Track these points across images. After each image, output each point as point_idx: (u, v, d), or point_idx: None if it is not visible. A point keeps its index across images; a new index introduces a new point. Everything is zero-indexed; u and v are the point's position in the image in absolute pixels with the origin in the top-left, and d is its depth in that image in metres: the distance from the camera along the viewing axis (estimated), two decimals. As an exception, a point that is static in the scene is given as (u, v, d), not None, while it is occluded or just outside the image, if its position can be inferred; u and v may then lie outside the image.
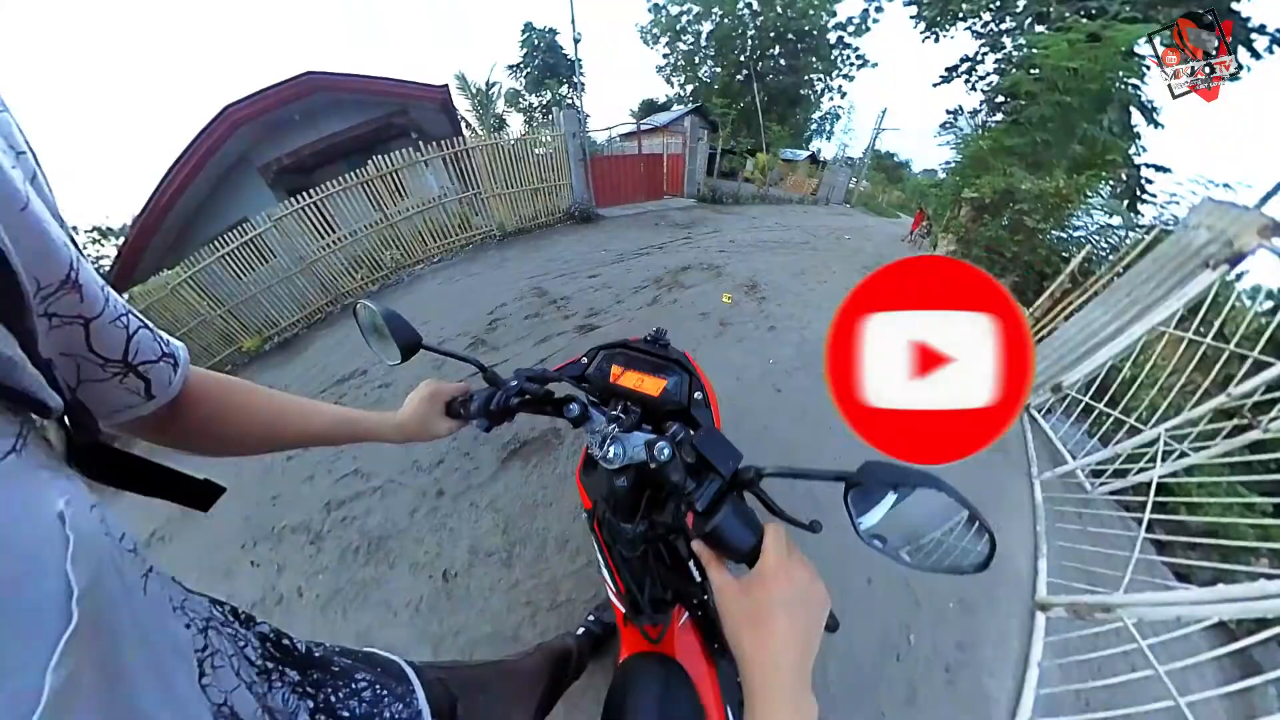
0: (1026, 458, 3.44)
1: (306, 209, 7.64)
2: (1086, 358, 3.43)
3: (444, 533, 2.55)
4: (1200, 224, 2.98)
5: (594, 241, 8.20)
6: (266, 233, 7.52)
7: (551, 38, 29.50)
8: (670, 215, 10.89)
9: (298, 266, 7.79)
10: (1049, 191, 4.53)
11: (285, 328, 7.84)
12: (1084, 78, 4.67)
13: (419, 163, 8.28)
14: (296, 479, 3.78)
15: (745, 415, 3.03)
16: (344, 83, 9.27)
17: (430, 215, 8.59)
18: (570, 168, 9.54)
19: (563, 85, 29.65)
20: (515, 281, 6.21)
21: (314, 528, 3.14)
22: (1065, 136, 5.02)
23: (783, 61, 26.75)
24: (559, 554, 2.27)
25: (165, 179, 8.73)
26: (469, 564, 2.34)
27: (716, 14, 25.81)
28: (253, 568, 3.12)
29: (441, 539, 2.51)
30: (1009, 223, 4.83)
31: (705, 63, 28.62)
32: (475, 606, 2.17)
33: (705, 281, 5.78)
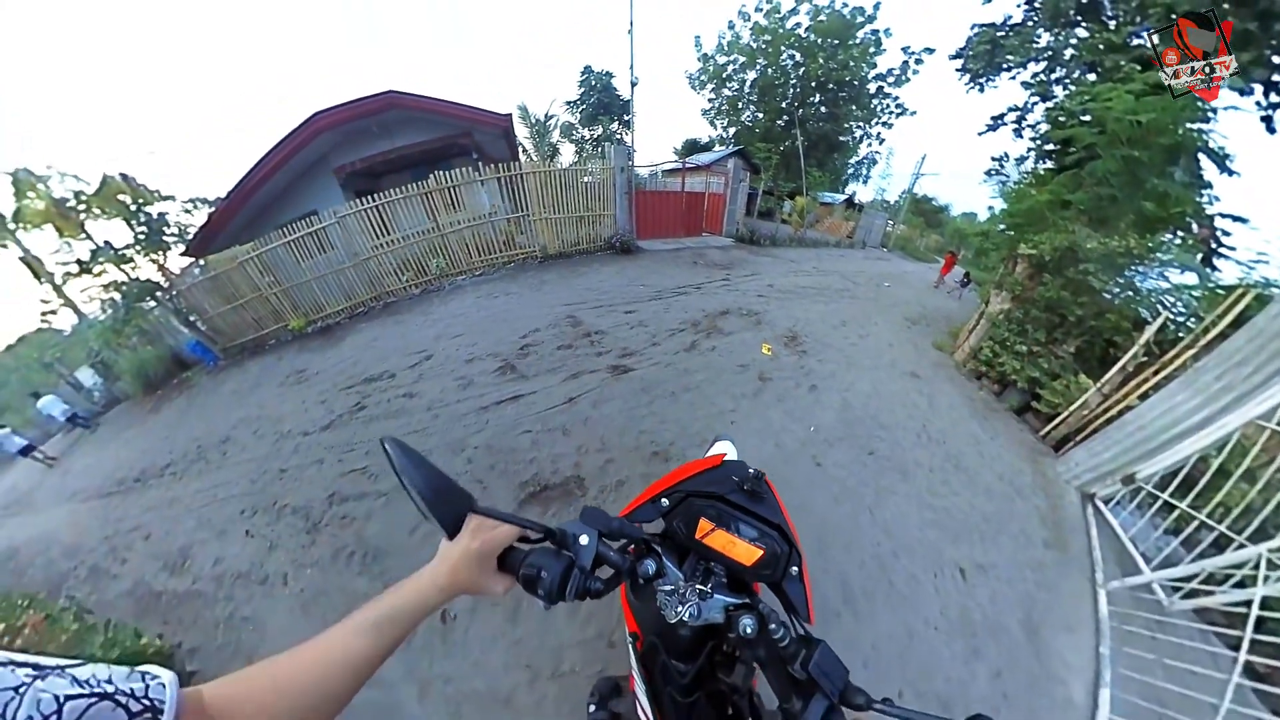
0: (1090, 560, 2.77)
1: (369, 210, 7.70)
2: (1167, 447, 2.85)
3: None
4: None
5: (632, 274, 7.92)
6: (330, 227, 7.58)
7: (607, 80, 30.09)
8: (708, 254, 10.51)
9: (351, 261, 7.81)
10: (1118, 251, 3.97)
11: (329, 314, 7.83)
12: (1151, 130, 4.08)
13: (476, 181, 8.29)
14: (308, 458, 3.65)
15: (782, 488, 2.70)
16: (420, 102, 9.39)
17: (479, 230, 8.56)
18: (615, 199, 9.47)
19: (614, 122, 30.17)
20: (551, 307, 6.02)
21: (313, 516, 2.97)
22: (1133, 192, 4.31)
23: (823, 109, 26.37)
24: (569, 619, 2.02)
25: (254, 168, 8.87)
26: (471, 608, 2.11)
27: (761, 64, 25.92)
28: (247, 536, 2.98)
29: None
30: (1071, 283, 4.29)
31: (748, 108, 28.44)
32: (471, 657, 1.94)
33: (744, 329, 5.35)
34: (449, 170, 7.98)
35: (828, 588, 2.20)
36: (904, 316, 7.33)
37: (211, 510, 3.37)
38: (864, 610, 2.15)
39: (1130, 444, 3.07)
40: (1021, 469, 3.56)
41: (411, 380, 4.48)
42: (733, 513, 0.67)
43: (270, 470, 3.62)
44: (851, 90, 25.60)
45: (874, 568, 2.36)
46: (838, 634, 1.99)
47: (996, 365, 4.74)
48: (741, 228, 13.88)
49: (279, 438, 4.09)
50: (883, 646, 1.99)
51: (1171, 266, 4.12)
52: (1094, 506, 3.19)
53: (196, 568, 2.84)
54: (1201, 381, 2.77)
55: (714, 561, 0.65)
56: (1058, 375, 4.23)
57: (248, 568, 2.70)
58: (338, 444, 3.69)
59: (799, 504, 2.66)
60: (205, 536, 3.10)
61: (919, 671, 1.92)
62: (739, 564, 0.65)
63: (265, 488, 3.41)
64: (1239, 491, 2.44)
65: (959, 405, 4.37)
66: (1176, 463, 2.78)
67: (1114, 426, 3.29)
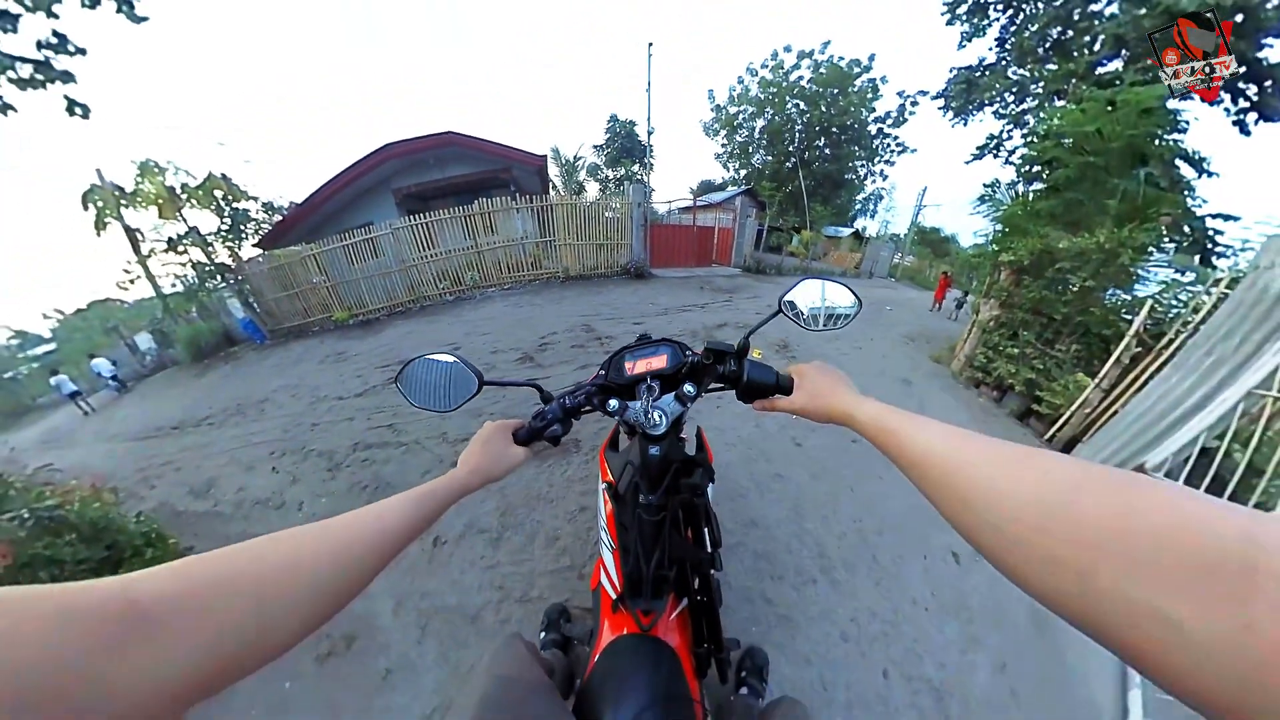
0: None
1: (418, 226, 8.18)
2: (1171, 432, 2.60)
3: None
4: (1275, 263, 2.38)
5: (643, 295, 8.14)
6: (383, 237, 8.07)
7: (630, 127, 32.11)
8: (715, 280, 10.68)
9: (397, 267, 8.22)
10: (1090, 247, 3.90)
11: (371, 310, 8.18)
12: (1107, 138, 4.29)
13: (512, 209, 8.80)
14: (339, 416, 3.75)
15: (759, 460, 2.67)
16: (472, 142, 10.15)
17: (510, 251, 8.98)
18: (632, 231, 9.89)
19: (635, 164, 31.71)
20: (569, 317, 6.24)
21: (337, 458, 3.04)
22: (1098, 194, 4.41)
23: (828, 151, 27.18)
24: (545, 549, 2.02)
25: (328, 182, 9.63)
26: (460, 535, 2.13)
27: (769, 113, 26.95)
28: (273, 473, 3.04)
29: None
30: (1052, 282, 4.22)
31: (758, 152, 29.32)
32: (450, 576, 1.94)
33: (739, 337, 5.45)
34: (489, 198, 8.51)
35: (803, 556, 2.03)
36: (902, 334, 7.18)
37: (243, 452, 3.47)
38: (843, 580, 1.92)
39: (1133, 434, 2.82)
40: None
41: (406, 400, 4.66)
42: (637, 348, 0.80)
43: (303, 424, 3.74)
44: (853, 133, 26.37)
45: (855, 540, 2.15)
46: (813, 602, 1.80)
47: (991, 370, 4.53)
48: (749, 259, 14.19)
49: (315, 401, 4.23)
50: (864, 621, 1.75)
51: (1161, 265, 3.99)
52: None
53: (219, 493, 2.91)
54: (1193, 360, 2.61)
55: (649, 379, 0.76)
56: (1054, 375, 4.00)
57: (268, 496, 2.77)
58: (368, 407, 3.81)
59: (774, 474, 2.57)
60: (233, 471, 3.18)
61: (906, 652, 1.65)
62: (661, 369, 0.76)
63: (296, 437, 3.52)
64: (1253, 467, 2.16)
65: (955, 411, 4.16)
66: (1184, 446, 2.53)
67: (1116, 418, 3.03)
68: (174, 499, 2.97)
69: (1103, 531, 0.23)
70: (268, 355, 6.84)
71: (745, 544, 2.04)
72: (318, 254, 7.84)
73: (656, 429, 0.70)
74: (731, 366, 0.71)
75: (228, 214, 8.43)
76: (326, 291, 8.02)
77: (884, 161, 28.66)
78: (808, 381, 0.63)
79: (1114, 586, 0.22)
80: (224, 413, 4.51)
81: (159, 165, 7.69)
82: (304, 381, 4.94)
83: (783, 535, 2.12)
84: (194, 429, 4.34)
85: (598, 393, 0.75)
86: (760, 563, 1.95)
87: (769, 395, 0.68)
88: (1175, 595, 0.20)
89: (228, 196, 8.33)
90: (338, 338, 6.97)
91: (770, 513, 2.26)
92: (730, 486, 2.42)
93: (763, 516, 2.22)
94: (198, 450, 3.74)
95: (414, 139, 9.70)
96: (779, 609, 1.76)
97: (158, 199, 7.73)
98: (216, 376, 6.46)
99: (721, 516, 2.33)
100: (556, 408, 0.72)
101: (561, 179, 28.65)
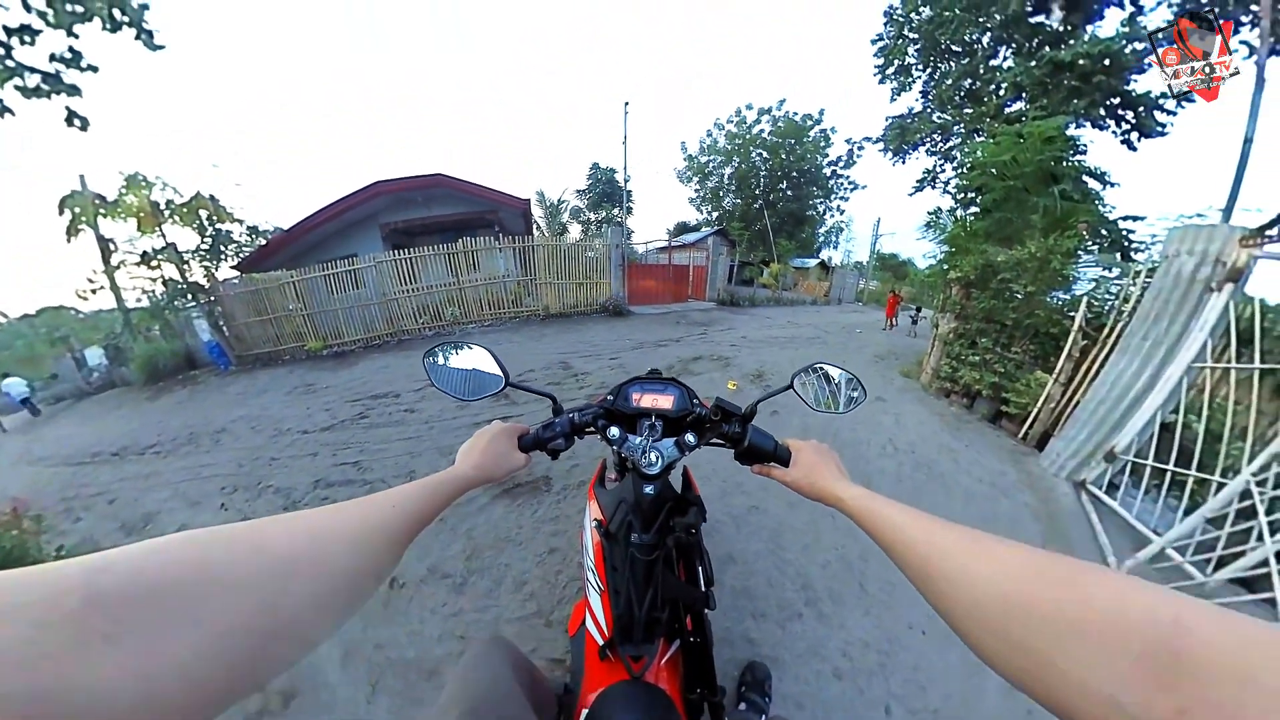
0: (1098, 546, 2.39)
1: (401, 261, 8.13)
2: (1130, 414, 2.71)
3: (412, 546, 2.18)
4: (1179, 251, 2.57)
5: (621, 331, 8.14)
6: (366, 269, 7.94)
7: (610, 174, 33.84)
8: (691, 315, 10.80)
9: (377, 299, 8.06)
10: (1025, 258, 4.22)
11: (346, 342, 7.88)
12: (1021, 164, 5.00)
13: (495, 249, 8.92)
14: (302, 451, 3.50)
15: (734, 493, 2.60)
16: (461, 184, 10.40)
17: (491, 288, 9.00)
18: (611, 270, 10.13)
19: (615, 208, 33.16)
20: (547, 354, 6.19)
21: (295, 496, 2.82)
22: (1023, 211, 5.02)
23: (789, 192, 30.20)
24: (513, 594, 1.90)
25: (316, 213, 9.52)
26: (421, 579, 1.98)
27: (736, 161, 30.22)
28: (221, 510, 2.77)
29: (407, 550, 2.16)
30: (998, 293, 4.51)
31: (728, 195, 32.31)
32: (409, 624, 1.78)
33: (714, 369, 5.45)
34: (474, 237, 8.62)
35: (786, 589, 1.92)
36: (872, 355, 7.29)
37: (190, 485, 3.16)
38: (830, 612, 1.81)
39: (1097, 421, 2.92)
40: (1004, 471, 3.27)
41: (414, 399, 4.46)
42: (648, 381, 0.81)
43: (261, 458, 3.45)
44: (810, 175, 29.58)
45: (839, 568, 2.04)
46: (800, 639, 1.68)
47: (958, 379, 4.67)
48: (723, 293, 14.72)
49: (276, 434, 3.94)
50: (857, 655, 1.63)
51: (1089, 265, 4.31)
52: (1086, 492, 2.87)
53: (156, 530, 2.61)
54: (1134, 345, 2.76)
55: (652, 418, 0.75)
56: (1015, 377, 4.14)
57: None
58: (335, 443, 3.57)
59: (748, 505, 2.50)
60: (175, 506, 2.88)
61: (906, 683, 1.53)
62: (666, 410, 0.76)
63: (252, 472, 3.24)
64: (1211, 432, 2.28)
65: (928, 420, 4.21)
66: (1145, 425, 2.63)
67: (1079, 409, 3.11)
68: (102, 534, 2.65)
69: (1059, 623, 0.25)
70: (231, 382, 6.41)
71: (723, 581, 1.95)
72: (297, 281, 7.60)
73: (651, 469, 0.70)
74: (736, 429, 0.72)
75: (209, 234, 8.14)
76: (302, 319, 7.71)
77: (839, 198, 32.03)
78: (804, 458, 0.65)
79: (1073, 675, 0.23)
80: (173, 441, 4.15)
81: (147, 179, 7.44)
82: (267, 412, 4.63)
83: (763, 569, 2.04)
84: (136, 457, 3.95)
85: (603, 415, 0.75)
86: (740, 600, 1.86)
87: (766, 461, 0.71)
88: (1124, 685, 0.21)
89: (212, 216, 8.09)
90: (309, 368, 6.64)
91: (748, 546, 2.18)
92: (706, 522, 2.38)
93: (741, 551, 2.14)
94: (138, 481, 3.39)
95: (404, 178, 9.84)
96: (763, 649, 1.64)
97: (139, 212, 7.42)
98: (170, 401, 5.97)
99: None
100: (565, 422, 0.72)
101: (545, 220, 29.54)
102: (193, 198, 7.81)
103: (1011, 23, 11.58)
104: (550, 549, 2.17)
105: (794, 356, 6.57)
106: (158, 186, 7.53)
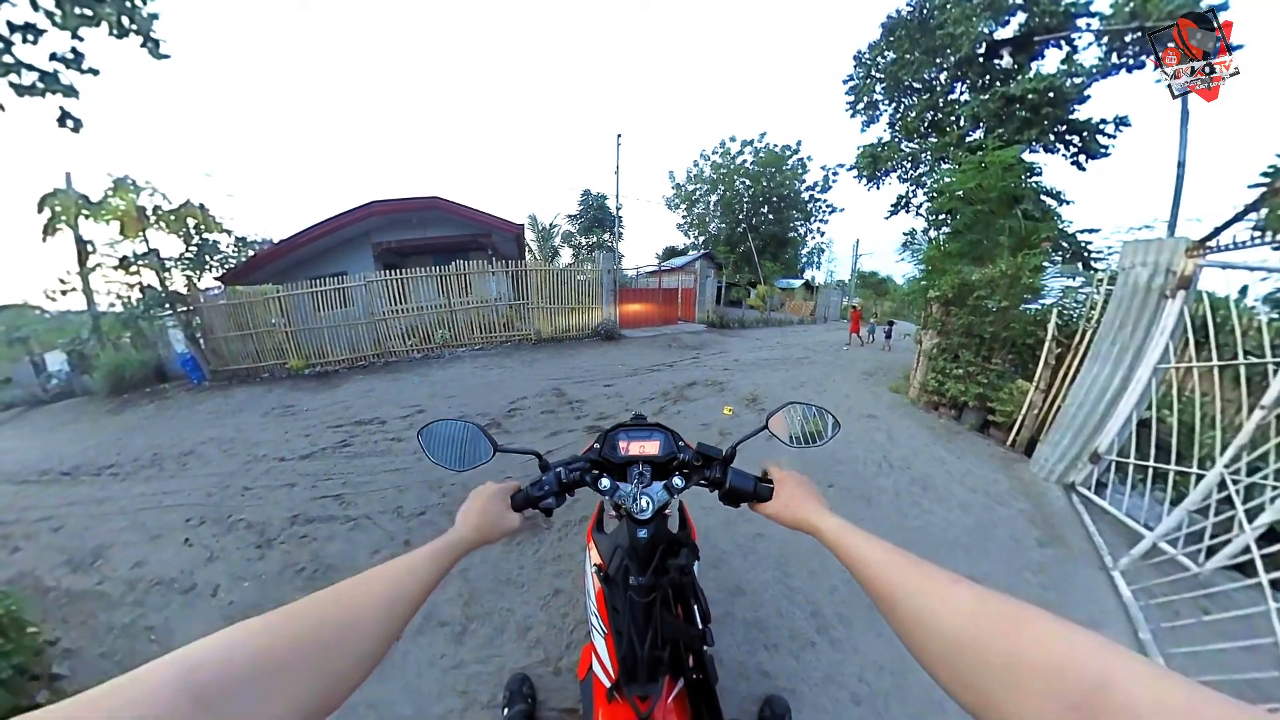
0: (1093, 546, 2.40)
1: (392, 281, 7.97)
2: (1109, 415, 2.82)
3: (401, 586, 2.00)
4: (1134, 263, 2.75)
5: (614, 356, 8.04)
6: (356, 288, 7.73)
7: (602, 200, 34.71)
8: (682, 338, 10.80)
9: (365, 319, 7.82)
10: (996, 275, 4.45)
11: (330, 361, 7.56)
12: (986, 189, 5.39)
13: (488, 273, 8.87)
14: (278, 481, 3.23)
15: (738, 522, 2.49)
16: (456, 208, 10.37)
17: (483, 312, 8.88)
18: (603, 295, 10.16)
19: (606, 233, 33.84)
20: (540, 380, 6.03)
21: (270, 533, 2.56)
22: (991, 232, 5.32)
23: (771, 216, 31.52)
24: (517, 641, 1.74)
25: (308, 229, 9.25)
26: (417, 629, 1.79)
27: (721, 189, 31.64)
28: (185, 545, 2.48)
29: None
30: (974, 308, 4.71)
31: (714, 221, 33.45)
32: (404, 679, 1.60)
33: (709, 395, 5.38)
34: (467, 260, 8.57)
35: (796, 618, 1.86)
36: (861, 372, 7.34)
37: (150, 515, 2.86)
38: (842, 638, 1.77)
39: (1079, 424, 3.02)
40: (996, 479, 3.29)
41: (401, 427, 4.23)
42: (633, 428, 0.83)
43: (233, 487, 3.15)
44: (791, 200, 31.00)
45: (846, 592, 2.00)
46: (815, 668, 1.64)
47: (944, 392, 4.78)
48: (712, 314, 15.04)
49: (251, 460, 3.64)
50: (873, 678, 1.60)
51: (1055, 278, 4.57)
52: (1076, 494, 2.93)
53: (108, 567, 2.32)
54: (1104, 350, 2.90)
55: (640, 465, 0.78)
56: (997, 386, 4.25)
57: (174, 575, 2.22)
58: (315, 472, 3.31)
59: (753, 533, 2.42)
60: (132, 539, 2.59)
61: (925, 702, 1.50)
62: (654, 456, 0.79)
63: (222, 502, 2.95)
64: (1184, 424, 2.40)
65: (919, 434, 4.23)
66: (1123, 425, 2.75)
67: (1060, 414, 3.21)
68: (44, 569, 2.33)
69: (999, 669, 0.28)
70: (203, 399, 5.99)
71: (734, 613, 1.87)
72: (283, 296, 7.32)
73: (643, 514, 0.72)
74: (717, 473, 0.74)
75: (195, 243, 7.82)
76: (285, 336, 7.37)
77: (819, 220, 33.61)
78: (784, 490, 0.67)
79: (1011, 715, 0.26)
80: (134, 462, 3.79)
81: (135, 183, 7.11)
82: (242, 435, 4.32)
83: (771, 598, 1.98)
84: (91, 477, 3.57)
85: (590, 468, 0.77)
86: (752, 632, 1.78)
87: (748, 500, 0.72)
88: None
89: (200, 225, 7.78)
90: (289, 388, 6.29)
91: (756, 576, 2.12)
92: (712, 553, 2.26)
93: (749, 581, 2.08)
94: (90, 506, 3.05)
95: (400, 199, 9.77)
96: (779, 681, 1.58)
97: (124, 215, 7.04)
98: (135, 416, 5.50)
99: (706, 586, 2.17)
100: (553, 480, 0.73)
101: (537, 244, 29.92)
102: (181, 205, 7.52)
103: (965, 63, 12.84)
104: (555, 590, 2.03)
105: (785, 378, 6.59)
106: (146, 191, 7.21)
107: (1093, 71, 11.07)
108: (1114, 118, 11.27)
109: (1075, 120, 11.50)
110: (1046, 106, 11.17)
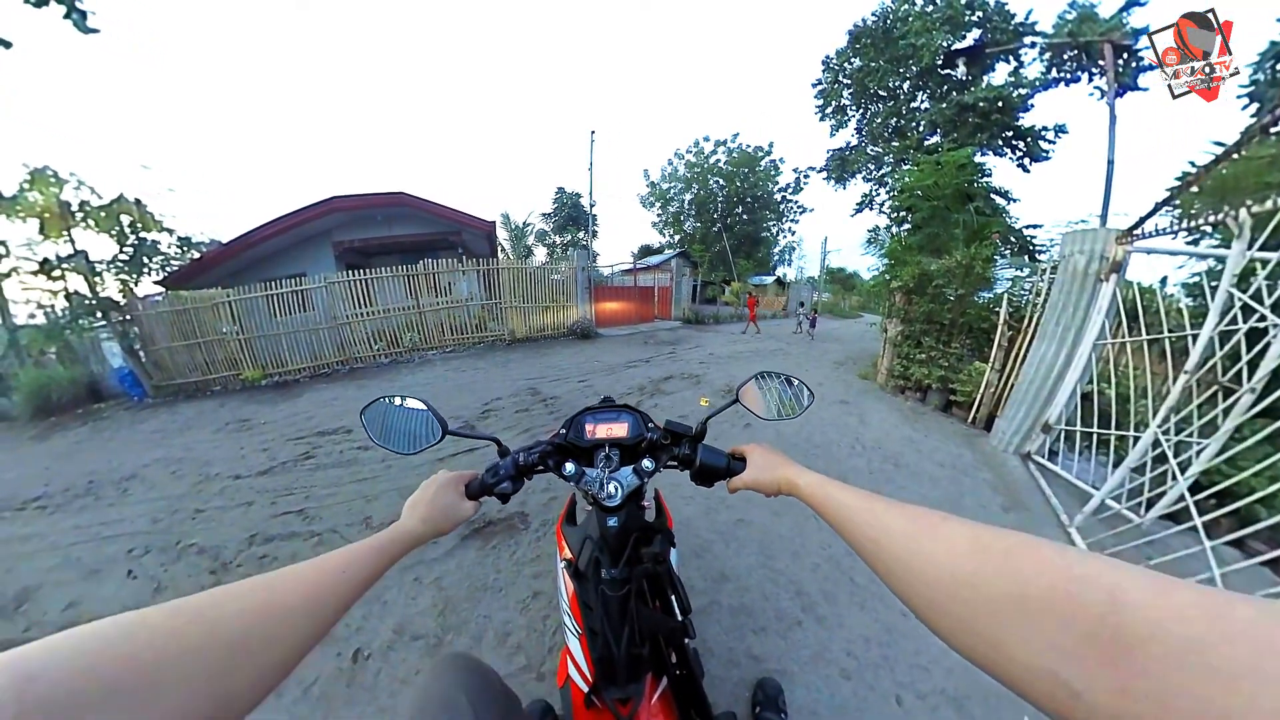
0: (1050, 508, 2.62)
1: (356, 282, 7.54)
2: (1057, 389, 3.09)
3: (374, 604, 1.89)
4: (1072, 251, 2.99)
5: (590, 354, 7.89)
6: (316, 290, 7.25)
7: (576, 198, 34.49)
8: (658, 335, 10.80)
9: (327, 324, 7.38)
10: (953, 265, 4.72)
11: (290, 371, 7.08)
12: (941, 187, 5.78)
13: (458, 272, 8.54)
14: (234, 501, 2.98)
15: (719, 509, 2.51)
16: (423, 204, 9.88)
17: (454, 312, 8.57)
18: (578, 293, 10.02)
19: (581, 231, 33.54)
20: (514, 380, 5.87)
21: (225, 556, 2.35)
22: (947, 226, 5.66)
23: (745, 216, 32.24)
24: (497, 648, 1.67)
25: (261, 227, 8.54)
26: (389, 645, 1.69)
27: (695, 188, 32.10)
28: (128, 578, 2.25)
29: (368, 611, 1.86)
30: (934, 297, 4.99)
31: (688, 219, 33.89)
32: (378, 701, 1.50)
33: (685, 388, 5.39)
34: (436, 259, 8.22)
35: (781, 599, 1.88)
36: (832, 361, 7.58)
37: (86, 549, 2.57)
38: (828, 614, 1.80)
39: (1031, 398, 3.28)
40: (960, 453, 3.49)
41: (367, 436, 4.00)
42: (600, 410, 0.77)
43: (183, 510, 2.87)
44: (763, 201, 31.71)
45: (829, 569, 2.05)
46: (803, 646, 1.64)
47: (910, 376, 5.06)
48: (687, 311, 15.28)
49: (202, 480, 3.33)
50: (860, 651, 1.63)
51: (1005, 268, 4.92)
52: (1032, 462, 3.20)
53: (36, 610, 2.07)
54: (1049, 330, 3.16)
55: (607, 448, 0.73)
56: (957, 369, 4.54)
57: (115, 611, 1.97)
58: (274, 489, 3.07)
59: (734, 519, 2.43)
60: (66, 577, 2.31)
61: (911, 669, 1.55)
62: (621, 438, 0.73)
63: (171, 528, 2.67)
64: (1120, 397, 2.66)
65: (888, 416, 4.42)
66: (1070, 397, 3.00)
67: (1014, 390, 3.47)
68: (-44, 618, 2.07)
69: (1001, 602, 0.25)
70: (145, 418, 5.49)
71: (719, 601, 1.86)
72: (235, 300, 6.77)
73: (611, 500, 0.68)
74: (686, 450, 0.70)
75: (131, 243, 6.93)
76: (238, 345, 6.82)
77: (790, 220, 34.54)
78: (756, 458, 0.65)
79: (1019, 654, 0.23)
80: (66, 492, 3.41)
81: (57, 175, 6.19)
82: (191, 454, 3.97)
83: (756, 582, 1.99)
84: (13, 514, 3.19)
85: (554, 453, 0.71)
86: (739, 618, 1.78)
87: (721, 478, 0.69)
88: (1069, 663, 0.21)
89: (136, 224, 6.93)
90: (244, 400, 5.85)
91: (739, 561, 2.12)
92: (694, 542, 2.25)
93: (732, 567, 2.07)
94: (13, 545, 2.70)
95: (363, 195, 9.25)
96: (769, 664, 1.58)
97: (44, 212, 6.15)
98: (65, 441, 4.97)
99: (690, 574, 1.99)
100: (510, 464, 0.68)
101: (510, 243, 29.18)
102: (113, 200, 6.61)
103: (926, 73, 13.92)
104: (534, 593, 1.96)
105: (759, 368, 6.66)
106: (70, 184, 6.31)
107: (1035, 84, 12.33)
108: (1054, 125, 12.55)
109: (1020, 127, 12.69)
110: (995, 114, 12.32)
